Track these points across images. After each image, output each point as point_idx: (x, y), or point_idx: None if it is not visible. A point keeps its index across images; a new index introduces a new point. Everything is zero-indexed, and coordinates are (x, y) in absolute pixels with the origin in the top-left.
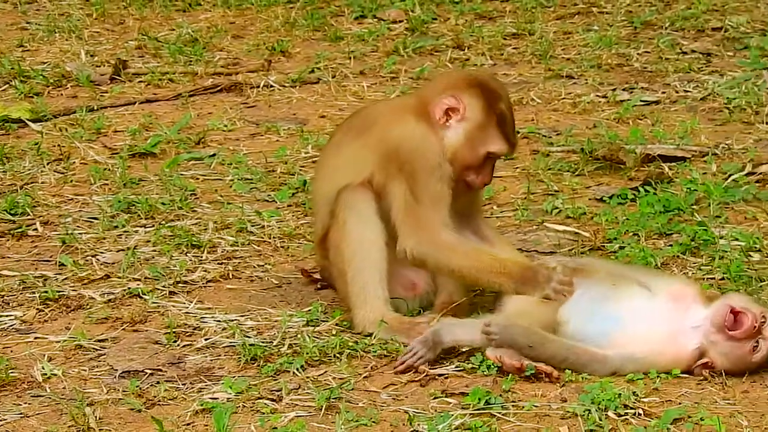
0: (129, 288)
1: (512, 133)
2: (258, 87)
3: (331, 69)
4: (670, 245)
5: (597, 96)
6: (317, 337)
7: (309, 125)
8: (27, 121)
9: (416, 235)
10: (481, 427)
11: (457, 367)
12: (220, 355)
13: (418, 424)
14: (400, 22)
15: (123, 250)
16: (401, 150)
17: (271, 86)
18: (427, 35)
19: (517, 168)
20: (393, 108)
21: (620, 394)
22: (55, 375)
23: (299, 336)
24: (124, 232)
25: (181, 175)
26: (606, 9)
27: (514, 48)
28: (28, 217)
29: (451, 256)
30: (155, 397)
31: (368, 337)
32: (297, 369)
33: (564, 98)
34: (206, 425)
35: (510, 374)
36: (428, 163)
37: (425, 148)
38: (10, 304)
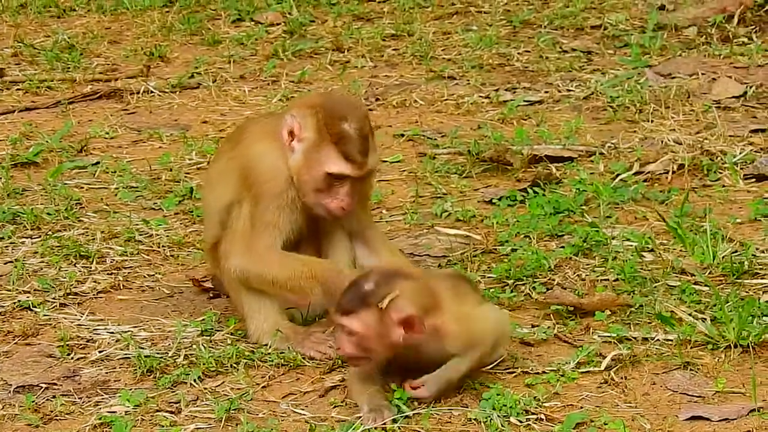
0: (19, 300)
1: (355, 152)
2: (138, 93)
3: (211, 74)
4: (563, 247)
5: (480, 97)
6: (213, 347)
7: (192, 131)
8: None
9: (240, 256)
10: None
11: None
12: (115, 368)
13: None
14: (278, 24)
15: (11, 261)
16: (251, 171)
17: (151, 92)
18: (306, 38)
19: (404, 171)
20: (260, 126)
21: (521, 399)
22: None
23: (194, 346)
24: (11, 243)
25: (65, 184)
26: (484, 8)
27: (393, 49)
28: None
29: (268, 269)
30: (52, 411)
31: (264, 347)
32: (194, 380)
33: (447, 99)
34: None
35: None
36: (271, 189)
37: (271, 174)
38: None
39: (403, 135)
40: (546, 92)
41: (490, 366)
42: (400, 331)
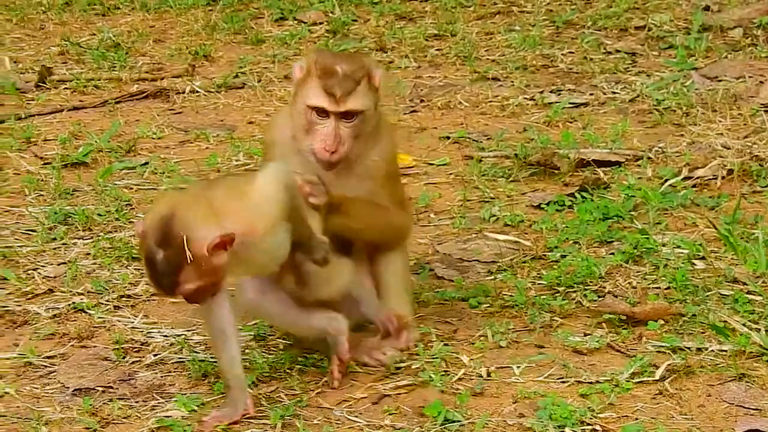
0: (73, 302)
1: (336, 87)
2: (183, 93)
3: (256, 73)
4: (612, 253)
5: (525, 98)
6: (266, 352)
7: (238, 131)
8: None
9: None
10: None
11: (408, 382)
12: (170, 372)
13: None
14: (321, 24)
15: (64, 263)
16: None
17: (197, 92)
18: (349, 37)
19: (450, 174)
20: None
21: (576, 410)
22: (8, 393)
23: (248, 351)
24: (63, 244)
25: (115, 184)
26: (526, 8)
27: (437, 49)
28: None
29: None
30: (109, 415)
31: (317, 352)
32: (249, 385)
33: (491, 101)
34: None
35: (464, 390)
36: (270, 138)
37: (275, 127)
38: None
39: (448, 137)
40: (591, 94)
41: (542, 376)
42: (218, 256)
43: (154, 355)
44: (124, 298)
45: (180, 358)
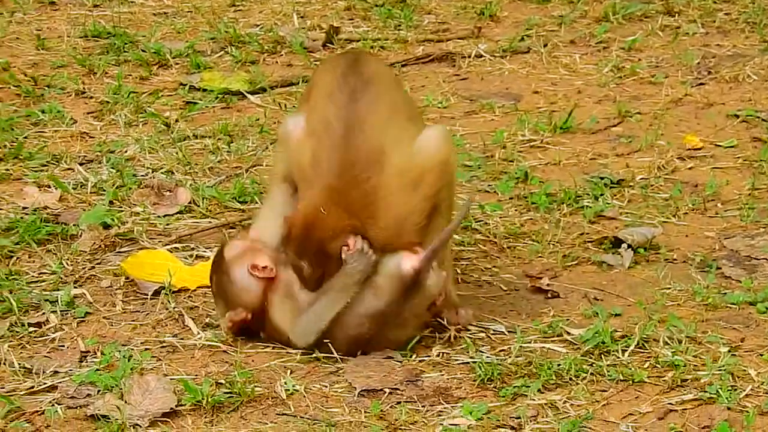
0: None
1: None
2: (469, 57)
3: (541, 37)
4: None
5: None
6: (550, 357)
7: (523, 102)
8: (246, 94)
9: None
10: None
11: (695, 396)
12: (455, 374)
13: None
14: None
15: None
16: None
17: (482, 56)
18: None
19: (738, 158)
20: None
21: None
22: (297, 391)
23: (533, 354)
24: None
25: None
26: None
27: (725, 14)
28: (256, 205)
29: None
30: (396, 420)
31: (602, 360)
32: (534, 393)
33: None
34: None
35: (751, 408)
36: None
37: None
38: None
39: (737, 116)
40: None
41: None
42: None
43: (437, 356)
44: None
45: (465, 360)
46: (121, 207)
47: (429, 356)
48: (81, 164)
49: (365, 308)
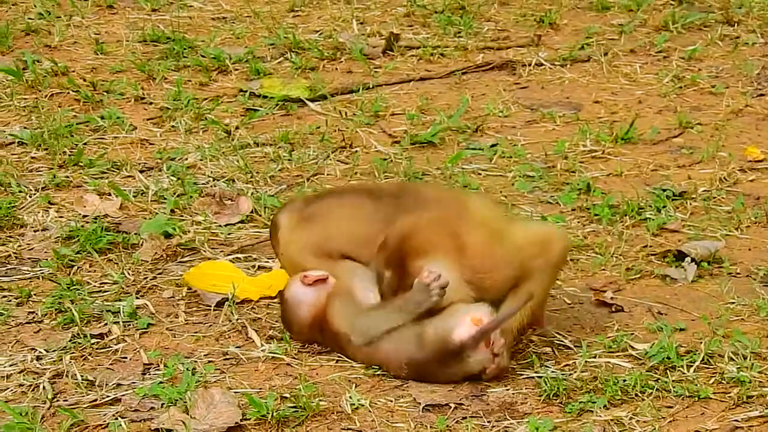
0: None
1: None
2: (529, 65)
3: (601, 45)
4: None
5: None
6: (614, 372)
7: (583, 111)
8: (306, 101)
9: None
10: None
11: (760, 413)
12: (521, 388)
13: None
14: None
15: None
16: None
17: (542, 64)
18: (694, 5)
19: None
20: None
21: None
22: (362, 406)
23: (598, 369)
24: None
25: (463, 168)
26: None
27: None
28: None
29: None
30: None
31: (667, 375)
32: (600, 409)
33: None
34: None
35: None
36: None
37: None
38: None
39: None
40: None
41: None
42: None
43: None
44: None
45: (530, 375)
46: (182, 216)
47: None
48: (141, 172)
49: (406, 351)
